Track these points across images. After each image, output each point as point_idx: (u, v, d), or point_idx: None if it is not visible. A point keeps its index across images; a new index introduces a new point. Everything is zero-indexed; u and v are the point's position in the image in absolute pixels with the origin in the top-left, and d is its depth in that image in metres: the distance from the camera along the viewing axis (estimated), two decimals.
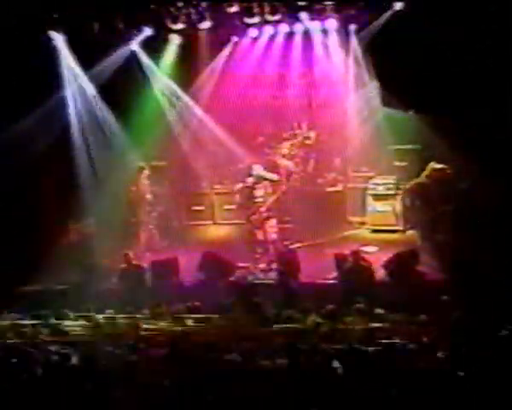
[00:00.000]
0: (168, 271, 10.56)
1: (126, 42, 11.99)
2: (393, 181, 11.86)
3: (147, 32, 11.91)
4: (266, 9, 11.16)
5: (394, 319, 8.09)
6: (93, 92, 12.19)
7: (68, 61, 12.00)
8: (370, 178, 12.15)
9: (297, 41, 12.02)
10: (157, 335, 8.13)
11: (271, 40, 12.13)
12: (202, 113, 12.58)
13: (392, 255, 9.95)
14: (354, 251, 9.86)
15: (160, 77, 12.51)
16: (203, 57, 12.50)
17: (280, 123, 12.74)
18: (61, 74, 11.98)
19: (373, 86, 11.73)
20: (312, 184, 12.40)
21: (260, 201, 10.73)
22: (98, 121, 12.22)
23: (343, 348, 6.60)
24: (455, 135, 10.26)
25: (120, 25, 11.56)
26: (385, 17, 11.06)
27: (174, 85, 12.58)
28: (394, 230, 11.71)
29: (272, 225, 10.78)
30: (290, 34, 12.00)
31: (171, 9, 11.44)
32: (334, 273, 9.97)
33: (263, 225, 10.74)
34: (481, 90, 10.13)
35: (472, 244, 9.46)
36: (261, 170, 10.87)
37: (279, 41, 12.09)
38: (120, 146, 12.17)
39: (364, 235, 11.85)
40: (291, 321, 8.21)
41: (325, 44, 11.95)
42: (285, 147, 12.59)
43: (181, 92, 12.60)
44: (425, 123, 10.98)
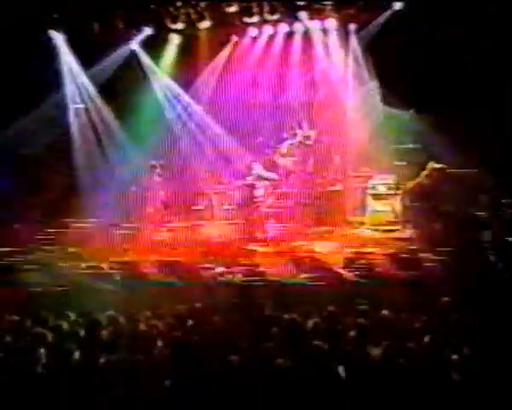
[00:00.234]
0: (168, 271, 10.57)
1: (126, 41, 12.03)
2: (393, 181, 11.85)
3: (146, 32, 11.96)
4: (266, 9, 11.21)
5: (394, 319, 8.08)
6: (93, 92, 12.21)
7: (68, 61, 12.02)
8: (370, 177, 12.16)
9: (296, 40, 12.06)
10: (157, 335, 8.11)
11: (271, 40, 12.17)
12: (202, 112, 12.61)
13: (391, 255, 9.95)
14: (356, 251, 9.83)
15: (160, 76, 12.53)
16: (203, 57, 12.54)
17: (280, 123, 12.74)
18: (61, 74, 11.99)
19: (373, 86, 11.74)
20: (312, 184, 12.41)
21: (260, 200, 10.73)
22: (98, 121, 12.22)
23: (343, 349, 6.59)
24: (455, 135, 10.27)
25: (120, 24, 11.62)
26: (384, 17, 11.10)
27: (174, 85, 12.60)
28: (394, 229, 11.71)
29: (271, 225, 10.79)
30: (290, 34, 12.04)
31: (170, 9, 11.49)
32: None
33: (262, 225, 10.75)
34: (481, 89, 10.13)
35: (472, 244, 9.48)
36: (261, 170, 10.88)
37: (279, 40, 12.13)
38: (120, 145, 12.17)
39: (364, 235, 11.85)
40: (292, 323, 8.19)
41: (325, 44, 11.98)
42: (285, 146, 12.59)
43: (181, 91, 12.62)
44: (425, 123, 10.99)
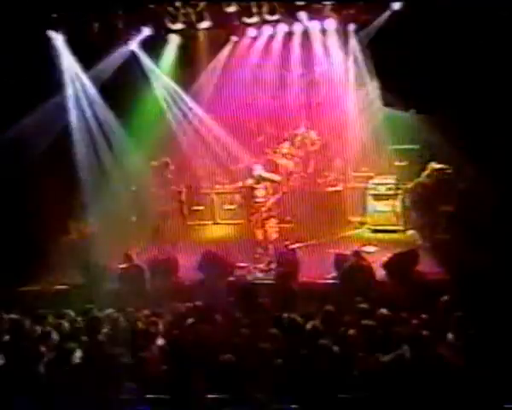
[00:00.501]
0: (168, 271, 10.56)
1: (126, 42, 12.01)
2: (393, 181, 11.88)
3: (146, 32, 11.93)
4: (265, 9, 11.18)
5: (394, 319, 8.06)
6: (93, 92, 12.21)
7: (68, 61, 12.00)
8: (370, 177, 12.18)
9: (296, 41, 12.06)
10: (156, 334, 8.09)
11: (270, 40, 12.17)
12: (202, 112, 12.61)
13: (392, 255, 9.94)
14: (355, 251, 9.85)
15: (160, 77, 12.52)
16: (202, 57, 12.57)
17: (280, 123, 12.76)
18: (61, 74, 11.97)
19: (373, 86, 11.75)
20: (312, 184, 12.42)
21: (261, 201, 10.72)
22: (98, 121, 12.22)
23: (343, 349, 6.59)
24: (455, 135, 10.27)
25: (120, 25, 11.60)
26: (384, 17, 11.09)
27: (174, 85, 12.60)
28: (394, 230, 11.73)
29: (272, 225, 10.77)
30: (289, 34, 12.03)
31: (170, 9, 11.47)
32: (334, 273, 9.97)
33: (263, 225, 10.74)
34: (481, 89, 10.12)
35: (472, 244, 9.47)
36: (262, 171, 10.85)
37: (278, 41, 12.13)
38: (120, 146, 12.18)
39: (364, 235, 11.86)
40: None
41: (324, 44, 11.97)
42: (285, 147, 12.62)
43: (181, 92, 12.62)
44: (425, 123, 10.99)
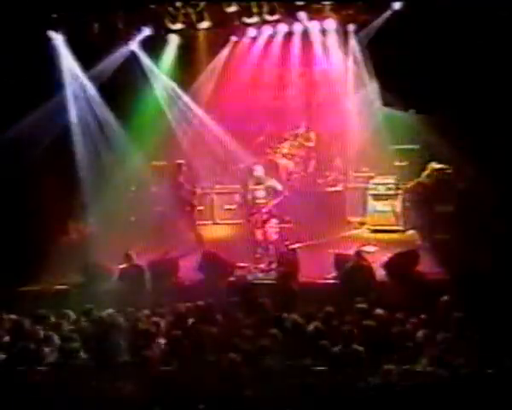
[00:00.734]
0: (168, 271, 10.55)
1: (126, 42, 12.01)
2: (393, 181, 11.88)
3: (146, 32, 11.93)
4: (265, 9, 11.18)
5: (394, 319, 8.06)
6: (93, 92, 12.20)
7: (68, 61, 12.00)
8: (370, 178, 12.18)
9: (296, 41, 12.06)
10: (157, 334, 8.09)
11: (270, 40, 12.16)
12: (202, 112, 12.60)
13: (392, 255, 9.94)
14: (357, 251, 9.84)
15: (160, 77, 12.51)
16: (202, 57, 12.56)
17: (280, 123, 12.78)
18: (61, 74, 11.97)
19: (372, 86, 11.75)
20: (312, 184, 12.43)
21: (261, 201, 10.70)
22: (98, 121, 12.22)
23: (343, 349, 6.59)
24: (455, 135, 10.26)
25: (120, 25, 11.60)
26: (384, 17, 11.09)
27: (174, 85, 12.59)
28: (394, 230, 11.73)
29: (272, 225, 10.76)
30: (289, 34, 12.03)
31: (170, 9, 11.47)
32: (334, 273, 9.96)
33: (263, 225, 10.73)
34: (481, 89, 10.12)
35: (472, 244, 9.47)
36: (265, 178, 10.78)
37: (278, 41, 12.12)
38: (120, 146, 12.17)
39: (364, 235, 11.85)
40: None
41: (324, 44, 11.97)
42: (285, 147, 12.64)
43: (181, 92, 12.61)
44: (425, 123, 10.99)
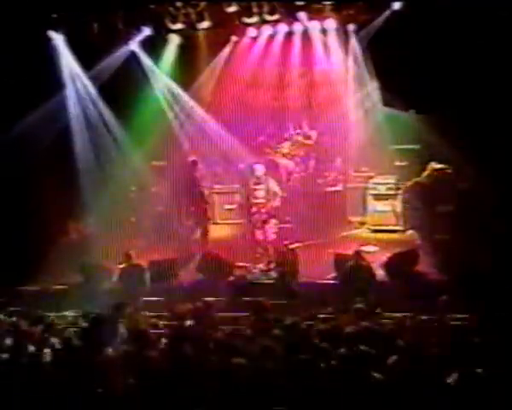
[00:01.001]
0: (168, 271, 10.55)
1: (126, 42, 12.01)
2: (394, 181, 11.87)
3: (146, 32, 11.92)
4: (265, 9, 11.16)
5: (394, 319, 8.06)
6: (93, 92, 12.20)
7: (68, 61, 12.00)
8: (370, 178, 12.17)
9: (296, 41, 12.04)
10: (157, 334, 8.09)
11: (270, 40, 12.15)
12: (202, 112, 12.59)
13: (391, 255, 9.94)
14: (356, 251, 9.84)
15: (160, 77, 12.51)
16: (202, 57, 12.55)
17: (280, 123, 12.76)
18: (61, 74, 11.97)
19: (373, 86, 11.74)
20: (312, 184, 12.41)
21: (261, 201, 10.70)
22: (98, 121, 12.21)
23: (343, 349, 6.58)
24: (455, 135, 10.26)
25: (120, 25, 11.60)
26: (384, 17, 11.09)
27: (174, 85, 12.58)
28: (394, 230, 11.72)
29: (272, 226, 10.75)
30: (289, 34, 12.02)
31: (170, 9, 11.46)
32: (334, 273, 9.96)
33: (263, 226, 10.73)
34: (481, 89, 10.11)
35: (472, 244, 9.46)
36: (267, 178, 10.77)
37: (278, 41, 12.11)
38: (121, 146, 12.17)
39: (364, 235, 11.85)
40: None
41: (324, 44, 11.96)
42: (285, 147, 12.62)
43: (181, 92, 12.60)
44: (425, 123, 10.99)
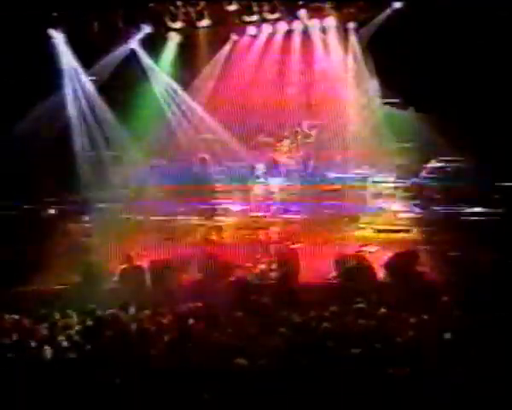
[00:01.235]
0: (168, 271, 10.55)
1: (126, 40, 12.00)
2: (393, 180, 11.85)
3: (146, 31, 11.93)
4: (265, 8, 11.17)
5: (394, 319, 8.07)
6: (93, 91, 12.20)
7: (68, 60, 12.00)
8: (370, 176, 12.14)
9: (296, 39, 12.02)
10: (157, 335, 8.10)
11: (270, 38, 12.14)
12: (202, 111, 12.58)
13: (392, 255, 9.94)
14: (358, 251, 9.84)
15: (160, 75, 12.50)
16: (202, 55, 12.52)
17: (280, 121, 12.72)
18: (61, 73, 11.98)
19: (372, 84, 11.72)
20: (312, 183, 12.40)
21: (261, 200, 10.69)
22: (98, 120, 12.21)
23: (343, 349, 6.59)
24: (455, 134, 10.25)
25: (120, 23, 11.60)
26: (384, 15, 11.08)
27: (174, 83, 12.57)
28: (394, 229, 11.70)
29: (272, 226, 10.75)
30: (289, 32, 12.01)
31: (170, 8, 11.47)
32: (334, 273, 9.97)
33: (263, 225, 10.72)
34: (481, 88, 10.11)
35: (472, 244, 9.47)
36: (267, 177, 10.76)
37: (278, 39, 12.10)
38: (120, 144, 12.16)
39: (365, 235, 11.82)
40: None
41: (324, 42, 11.95)
42: (285, 145, 12.59)
43: (180, 90, 12.60)
44: (425, 121, 10.97)
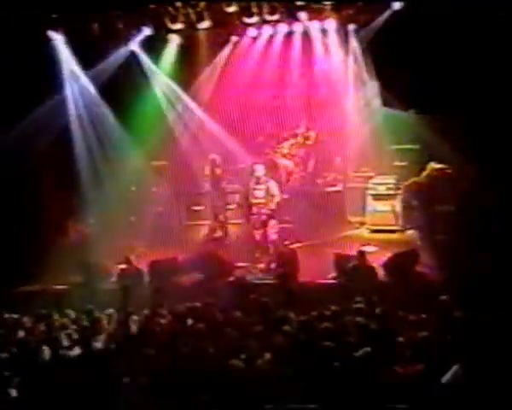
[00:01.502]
0: (168, 271, 10.54)
1: (126, 42, 12.02)
2: (393, 181, 11.87)
3: (146, 32, 11.94)
4: (265, 9, 11.17)
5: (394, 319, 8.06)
6: (93, 92, 12.21)
7: (68, 61, 12.02)
8: (370, 177, 12.16)
9: (296, 41, 12.06)
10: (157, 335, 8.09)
11: (270, 40, 12.17)
12: (202, 112, 12.61)
13: (391, 255, 9.93)
14: (359, 251, 9.82)
15: (160, 77, 12.52)
16: (202, 57, 12.55)
17: (280, 123, 12.77)
18: (61, 74, 11.99)
19: (372, 86, 11.75)
20: (312, 184, 12.42)
21: (261, 202, 10.68)
22: (98, 121, 12.22)
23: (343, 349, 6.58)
24: (455, 135, 10.26)
25: (120, 25, 11.61)
26: (384, 17, 11.10)
27: (174, 85, 12.60)
28: (394, 230, 11.72)
29: (272, 226, 10.75)
30: (289, 34, 12.03)
31: (170, 9, 11.47)
32: (334, 273, 9.96)
33: (263, 226, 10.71)
34: (481, 89, 10.12)
35: (472, 244, 9.46)
36: (267, 178, 10.75)
37: (278, 41, 12.13)
38: (120, 146, 12.17)
39: (364, 235, 11.84)
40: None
41: (324, 44, 11.98)
42: (285, 147, 12.63)
43: (181, 92, 12.62)
44: (425, 123, 10.99)
